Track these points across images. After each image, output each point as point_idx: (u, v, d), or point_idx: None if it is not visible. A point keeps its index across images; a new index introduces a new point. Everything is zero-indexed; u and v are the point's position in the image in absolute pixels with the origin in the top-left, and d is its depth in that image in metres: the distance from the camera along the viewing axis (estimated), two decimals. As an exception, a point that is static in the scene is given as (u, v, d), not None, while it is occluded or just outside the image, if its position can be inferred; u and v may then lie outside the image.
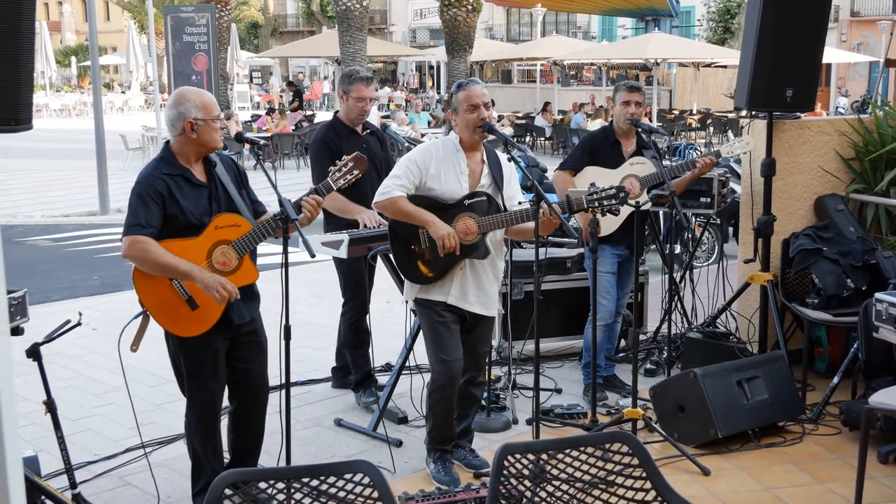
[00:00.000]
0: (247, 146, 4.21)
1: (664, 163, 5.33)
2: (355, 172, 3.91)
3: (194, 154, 3.80)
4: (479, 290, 4.22)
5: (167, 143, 3.84)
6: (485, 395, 4.84)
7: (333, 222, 5.09)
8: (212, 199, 3.81)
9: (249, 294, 3.91)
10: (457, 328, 4.22)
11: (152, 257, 3.62)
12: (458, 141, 4.21)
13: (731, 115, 23.46)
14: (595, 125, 18.10)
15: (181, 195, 3.72)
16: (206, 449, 3.96)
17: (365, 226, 4.89)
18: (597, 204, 4.09)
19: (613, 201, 4.09)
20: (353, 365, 5.40)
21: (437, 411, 4.28)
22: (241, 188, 3.94)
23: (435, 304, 4.19)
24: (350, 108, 5.20)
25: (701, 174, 5.30)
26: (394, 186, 4.11)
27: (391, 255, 4.44)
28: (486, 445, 4.67)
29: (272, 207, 3.92)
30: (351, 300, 5.35)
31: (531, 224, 3.99)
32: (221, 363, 3.90)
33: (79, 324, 3.85)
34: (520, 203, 4.24)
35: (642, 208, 4.82)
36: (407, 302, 4.42)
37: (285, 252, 3.62)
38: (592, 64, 35.55)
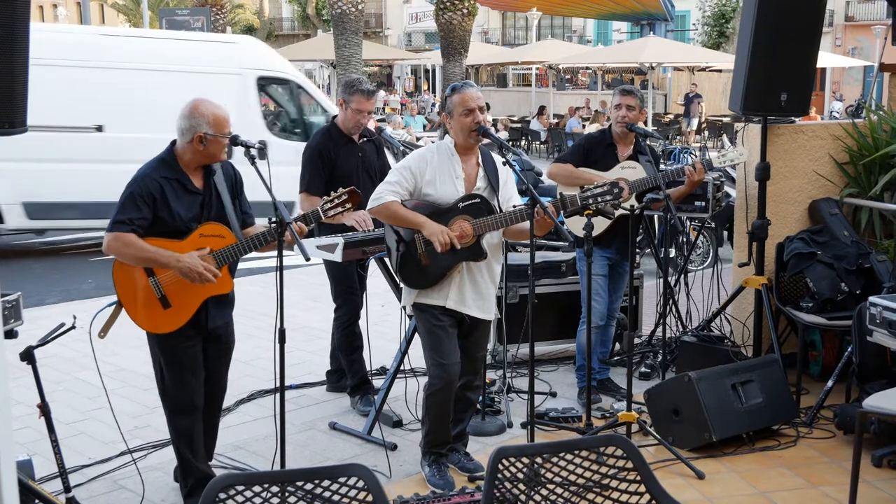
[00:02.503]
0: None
1: (660, 167, 5.33)
2: (347, 206, 3.95)
3: (196, 162, 3.85)
4: (476, 294, 4.22)
5: (172, 143, 3.88)
6: (479, 398, 4.84)
7: (326, 226, 5.07)
8: (204, 207, 3.85)
9: (223, 300, 3.98)
10: (454, 332, 4.22)
11: (132, 252, 3.72)
12: (453, 145, 4.20)
13: (726, 120, 23.49)
14: (591, 129, 18.11)
15: (174, 199, 3.76)
16: (184, 446, 4.00)
17: (358, 227, 4.88)
18: (591, 202, 4.09)
19: (608, 197, 4.08)
20: (349, 370, 5.39)
21: (434, 415, 4.27)
22: (234, 197, 3.98)
23: (433, 308, 4.19)
24: (348, 118, 5.19)
25: (694, 187, 5.30)
26: (387, 192, 4.11)
27: (387, 261, 4.43)
28: (480, 449, 4.67)
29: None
30: (343, 305, 5.34)
31: (526, 224, 4.00)
32: (199, 359, 3.98)
33: (73, 327, 3.86)
34: (514, 206, 4.23)
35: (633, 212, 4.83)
36: (405, 307, 4.42)
37: (280, 255, 3.62)
38: (588, 68, 35.59)
